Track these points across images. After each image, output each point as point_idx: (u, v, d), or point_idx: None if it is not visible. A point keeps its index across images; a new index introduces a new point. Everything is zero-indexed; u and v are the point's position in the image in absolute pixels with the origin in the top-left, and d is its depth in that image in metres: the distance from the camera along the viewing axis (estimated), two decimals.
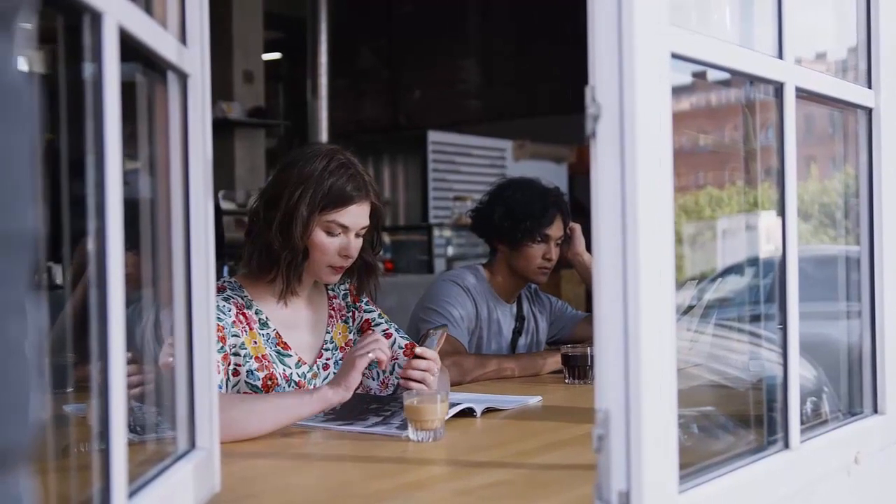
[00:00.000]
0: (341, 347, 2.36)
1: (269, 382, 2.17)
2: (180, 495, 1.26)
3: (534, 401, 2.35)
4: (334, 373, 2.30)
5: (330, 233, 2.20)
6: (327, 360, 2.33)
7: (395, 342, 2.37)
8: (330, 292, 2.41)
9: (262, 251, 2.20)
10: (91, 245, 1.01)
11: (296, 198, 2.16)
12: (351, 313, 2.42)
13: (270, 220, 2.18)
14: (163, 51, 1.23)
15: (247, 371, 2.14)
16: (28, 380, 0.55)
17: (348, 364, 2.01)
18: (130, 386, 1.47)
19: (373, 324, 2.42)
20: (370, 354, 2.01)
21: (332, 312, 2.38)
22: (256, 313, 2.22)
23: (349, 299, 2.43)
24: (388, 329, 2.41)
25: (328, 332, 2.35)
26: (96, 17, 1.00)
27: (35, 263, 0.56)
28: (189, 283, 1.37)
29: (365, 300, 2.45)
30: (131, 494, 1.08)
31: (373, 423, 1.99)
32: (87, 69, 1.02)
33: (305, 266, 2.23)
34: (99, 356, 1.01)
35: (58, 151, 1.04)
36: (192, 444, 1.36)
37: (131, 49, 1.11)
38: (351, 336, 2.39)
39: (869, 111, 1.80)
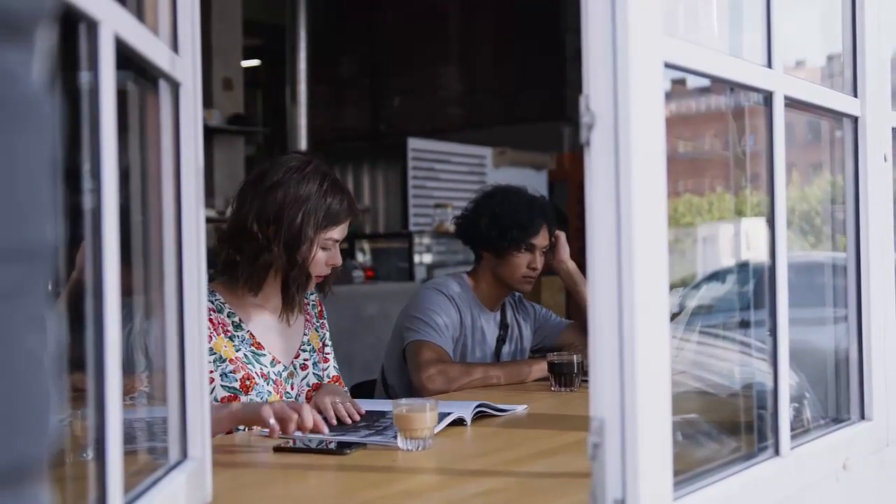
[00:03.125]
0: (318, 350, 2.44)
1: (248, 382, 2.22)
2: None
3: (521, 409, 2.35)
4: (313, 373, 2.40)
5: (325, 248, 2.29)
6: (305, 360, 2.40)
7: (328, 368, 2.47)
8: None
9: (261, 269, 2.25)
10: (87, 254, 1.00)
11: (299, 220, 2.22)
12: (321, 323, 2.51)
13: (268, 239, 2.22)
14: (156, 59, 1.23)
15: (221, 374, 2.19)
16: (48, 392, 0.54)
17: (256, 414, 1.97)
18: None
19: (325, 345, 2.51)
20: (272, 422, 1.91)
21: (308, 316, 2.46)
22: (229, 316, 2.27)
23: (316, 311, 2.51)
24: (329, 354, 2.51)
25: (305, 335, 2.43)
26: (92, 26, 0.99)
27: (53, 275, 0.56)
28: (181, 292, 1.36)
29: (324, 319, 2.53)
30: None
31: (366, 435, 1.98)
32: (83, 77, 1.01)
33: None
34: (95, 367, 1.00)
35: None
36: (184, 455, 1.36)
37: (124, 57, 1.11)
38: (321, 343, 2.47)
39: (855, 119, 1.81)
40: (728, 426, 1.72)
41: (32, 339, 0.53)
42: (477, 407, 2.19)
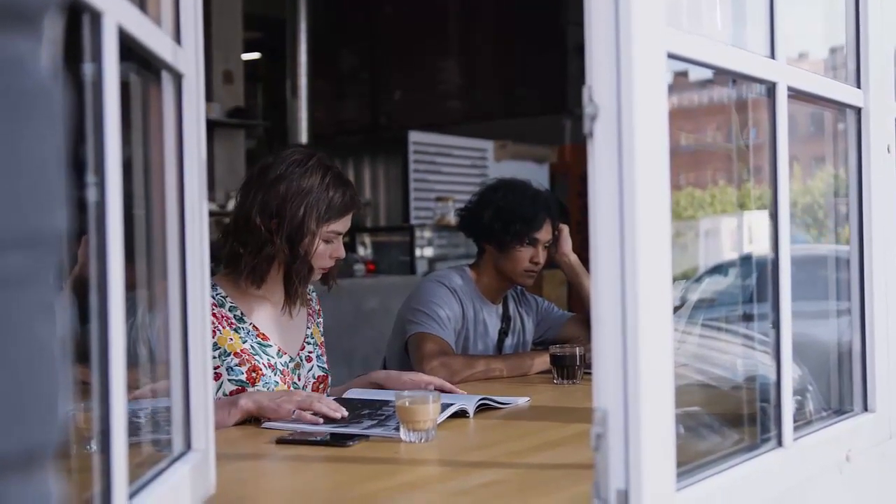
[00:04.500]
0: (319, 344, 2.46)
1: (254, 375, 2.24)
2: (178, 497, 1.25)
3: (523, 401, 2.35)
4: (318, 366, 2.42)
5: (327, 241, 2.29)
6: (309, 353, 2.42)
7: (311, 368, 2.43)
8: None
9: (265, 262, 2.26)
10: (91, 247, 1.00)
11: (301, 213, 2.23)
12: (320, 320, 2.53)
13: (271, 231, 2.23)
14: (159, 51, 1.23)
15: (227, 368, 2.19)
16: (57, 380, 0.55)
17: (278, 403, 2.05)
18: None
19: (322, 343, 2.52)
20: (303, 414, 2.04)
21: (310, 311, 2.48)
22: (231, 310, 2.28)
23: (317, 308, 2.53)
24: (322, 353, 2.50)
25: (308, 328, 2.44)
26: (96, 17, 0.99)
27: (62, 264, 0.56)
28: (184, 284, 1.36)
29: (321, 318, 2.55)
30: (131, 496, 1.07)
31: (369, 426, 1.98)
32: (87, 68, 1.01)
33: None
34: (99, 359, 1.00)
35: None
36: (188, 446, 1.36)
37: (127, 48, 1.10)
38: (323, 339, 2.49)
39: (858, 110, 1.81)
40: (731, 418, 1.72)
41: (42, 327, 0.53)
42: (480, 400, 2.19)
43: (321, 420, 2.01)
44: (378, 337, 4.64)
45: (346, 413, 2.05)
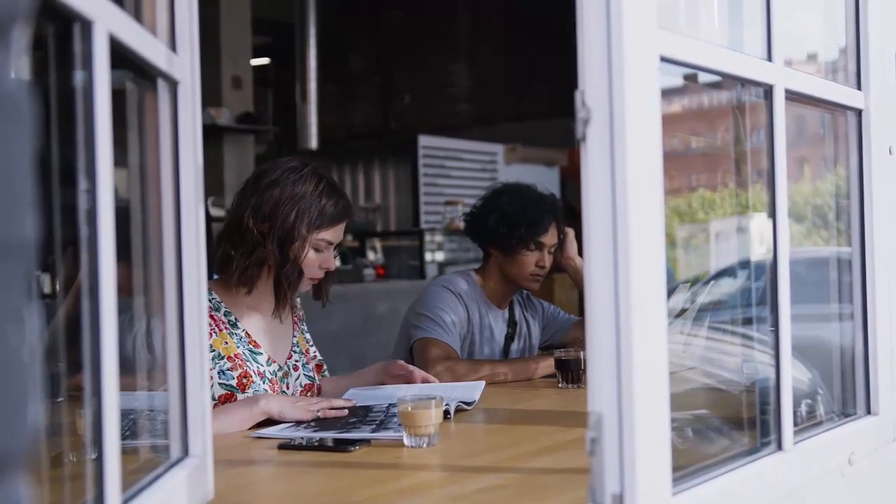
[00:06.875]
0: (304, 353, 2.49)
1: (245, 381, 2.26)
2: (174, 503, 1.25)
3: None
4: (304, 374, 2.45)
5: (317, 249, 2.32)
6: (296, 361, 2.45)
7: (298, 377, 2.46)
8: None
9: (255, 265, 2.27)
10: (83, 254, 1.01)
11: (293, 218, 2.26)
12: (304, 325, 2.55)
13: (262, 235, 2.25)
14: (153, 58, 1.23)
15: (219, 372, 2.20)
16: (27, 386, 0.55)
17: (301, 408, 2.12)
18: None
19: (310, 345, 2.55)
20: (319, 414, 2.13)
21: (296, 320, 2.50)
22: (226, 315, 2.31)
23: (301, 314, 2.55)
24: (312, 347, 2.55)
25: (294, 336, 2.47)
26: (87, 25, 1.00)
27: (32, 271, 0.56)
28: (181, 290, 1.37)
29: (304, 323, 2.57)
30: (126, 502, 1.07)
31: (370, 430, 1.98)
32: (78, 76, 1.02)
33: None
34: (91, 365, 1.00)
35: (47, 159, 1.03)
36: (186, 452, 1.36)
37: (121, 56, 1.11)
38: (307, 345, 2.52)
39: (859, 112, 1.80)
40: (734, 422, 1.72)
41: (12, 334, 0.54)
42: (457, 407, 2.21)
43: (346, 412, 2.14)
44: (388, 341, 4.64)
45: (356, 402, 2.19)
